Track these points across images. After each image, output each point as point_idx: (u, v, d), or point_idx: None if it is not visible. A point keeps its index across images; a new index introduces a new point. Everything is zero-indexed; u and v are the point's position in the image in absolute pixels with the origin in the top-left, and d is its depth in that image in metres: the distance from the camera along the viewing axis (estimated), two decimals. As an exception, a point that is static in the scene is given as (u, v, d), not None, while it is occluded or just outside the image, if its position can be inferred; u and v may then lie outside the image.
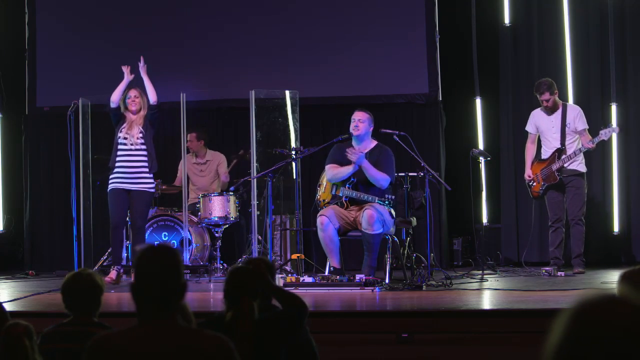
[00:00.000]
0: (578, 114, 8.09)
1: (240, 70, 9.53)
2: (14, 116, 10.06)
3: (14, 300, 6.52)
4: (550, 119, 8.13)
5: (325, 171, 7.58)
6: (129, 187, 7.63)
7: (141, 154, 7.67)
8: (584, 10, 9.24)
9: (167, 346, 2.51)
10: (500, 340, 5.11)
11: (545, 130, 8.19)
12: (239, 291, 3.32)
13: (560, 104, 8.15)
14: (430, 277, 7.25)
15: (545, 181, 8.14)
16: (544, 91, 8.05)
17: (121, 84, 7.78)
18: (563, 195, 8.13)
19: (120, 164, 7.65)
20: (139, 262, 2.63)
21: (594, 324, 1.54)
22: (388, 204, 7.15)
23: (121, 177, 7.64)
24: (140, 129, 7.66)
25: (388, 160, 7.44)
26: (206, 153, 9.24)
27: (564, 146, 8.05)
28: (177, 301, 2.59)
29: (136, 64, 7.84)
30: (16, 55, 10.01)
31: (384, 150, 7.52)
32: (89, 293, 3.54)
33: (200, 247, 8.57)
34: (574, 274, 7.90)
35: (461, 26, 9.57)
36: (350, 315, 5.74)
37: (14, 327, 3.00)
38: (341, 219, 7.33)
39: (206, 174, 9.20)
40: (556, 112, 8.12)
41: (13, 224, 10.08)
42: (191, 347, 2.51)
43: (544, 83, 8.13)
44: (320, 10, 9.65)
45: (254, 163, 8.11)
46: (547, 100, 8.07)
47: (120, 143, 7.67)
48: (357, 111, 7.56)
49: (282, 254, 8.53)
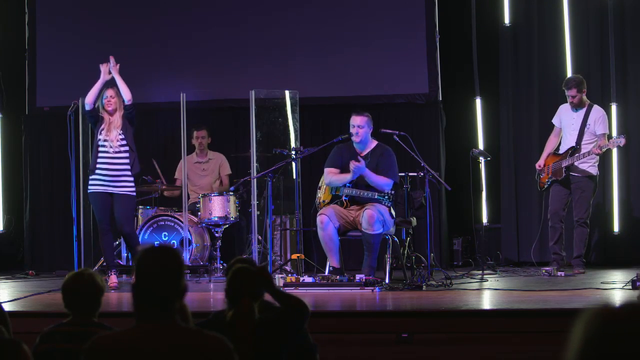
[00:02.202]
0: (601, 117, 8.09)
1: (240, 70, 9.53)
2: (14, 116, 10.06)
3: (14, 300, 6.52)
4: (573, 116, 8.15)
5: (324, 174, 7.58)
6: (111, 191, 7.45)
7: (122, 156, 7.48)
8: (584, 10, 9.24)
9: (166, 346, 2.51)
10: (500, 340, 5.11)
11: (566, 126, 8.21)
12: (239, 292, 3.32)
13: (587, 104, 8.14)
14: (430, 277, 7.25)
15: (553, 175, 8.16)
16: (572, 87, 8.08)
17: (97, 84, 7.53)
18: (568, 191, 8.13)
19: (101, 166, 7.46)
20: (140, 262, 2.63)
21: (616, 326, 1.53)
22: (387, 199, 7.10)
23: (102, 181, 7.45)
24: (119, 132, 7.46)
25: (389, 161, 7.42)
26: (207, 152, 9.24)
27: (579, 145, 8.06)
28: (177, 302, 2.59)
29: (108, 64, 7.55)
30: (16, 55, 10.01)
31: (385, 150, 7.50)
32: (90, 293, 3.53)
33: (200, 247, 8.57)
34: (574, 274, 7.91)
35: (461, 26, 9.57)
36: (350, 315, 5.74)
37: None
38: (341, 218, 7.32)
39: (208, 173, 9.20)
40: (580, 110, 8.13)
41: (13, 224, 10.08)
42: (190, 347, 2.51)
43: (573, 79, 8.19)
44: (320, 10, 9.65)
45: (254, 163, 8.11)
46: (573, 97, 8.08)
47: (101, 146, 7.48)
48: (355, 115, 7.48)
49: (282, 254, 8.53)
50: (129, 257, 8.44)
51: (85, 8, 9.90)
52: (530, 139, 9.29)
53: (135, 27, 9.81)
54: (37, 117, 9.94)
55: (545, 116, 8.75)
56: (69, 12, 9.94)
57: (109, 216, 7.54)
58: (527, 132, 9.39)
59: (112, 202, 7.50)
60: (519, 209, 9.37)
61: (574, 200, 8.11)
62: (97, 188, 7.49)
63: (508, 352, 5.03)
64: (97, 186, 7.49)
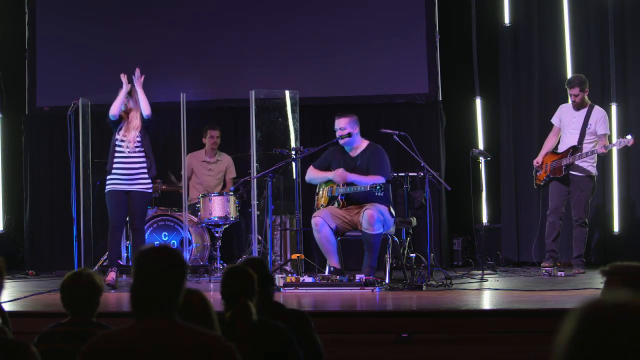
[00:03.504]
0: (602, 117, 8.09)
1: (240, 70, 9.54)
2: (14, 116, 10.06)
3: (14, 300, 6.51)
4: (574, 115, 8.15)
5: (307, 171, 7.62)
6: (127, 189, 7.56)
7: (139, 156, 7.57)
8: (584, 10, 9.24)
9: (166, 345, 2.51)
10: (500, 340, 5.11)
11: (566, 125, 8.21)
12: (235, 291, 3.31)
13: (588, 104, 8.14)
14: (430, 277, 7.25)
15: (552, 173, 8.16)
16: (575, 86, 8.07)
17: (120, 95, 7.56)
18: (567, 189, 8.14)
19: (117, 166, 7.56)
20: (139, 262, 2.62)
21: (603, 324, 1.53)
22: (380, 189, 7.04)
23: (119, 179, 7.55)
24: (137, 134, 7.55)
25: (380, 159, 7.40)
26: (215, 153, 9.27)
27: (581, 145, 8.06)
28: (176, 302, 2.58)
29: (132, 74, 7.58)
30: (16, 55, 10.01)
31: (376, 149, 7.47)
32: (88, 293, 3.53)
33: (200, 247, 8.57)
34: (574, 274, 7.91)
35: (461, 26, 9.57)
36: (350, 315, 5.74)
37: None
38: (337, 218, 7.32)
39: (214, 173, 9.22)
40: (582, 110, 8.13)
41: (13, 224, 10.08)
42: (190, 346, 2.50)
43: (576, 78, 8.19)
44: (321, 10, 9.65)
45: (254, 163, 8.11)
46: (575, 96, 8.08)
47: (118, 146, 7.57)
48: (338, 118, 7.46)
49: (282, 254, 8.53)
50: (129, 257, 8.44)
51: (85, 8, 9.90)
52: (530, 138, 9.29)
53: (135, 27, 9.81)
54: (37, 117, 9.94)
55: (545, 116, 8.75)
56: (69, 12, 9.94)
57: (123, 215, 7.62)
58: (527, 132, 9.39)
59: (128, 200, 7.57)
60: (519, 208, 9.37)
61: (573, 200, 8.11)
62: (114, 187, 7.57)
63: (508, 352, 5.03)
64: (113, 185, 7.57)
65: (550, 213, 8.19)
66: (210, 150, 9.23)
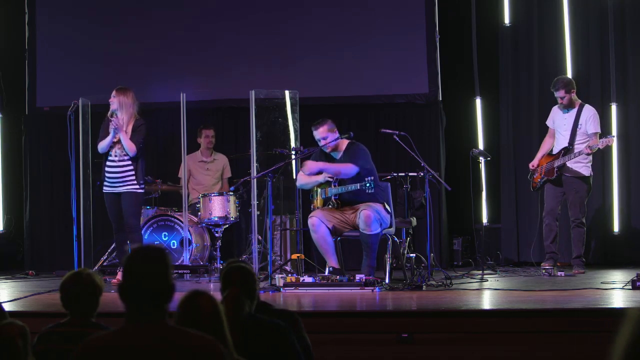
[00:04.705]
0: (592, 116, 8.07)
1: (240, 70, 9.53)
2: (14, 116, 10.06)
3: (14, 300, 6.51)
4: (564, 117, 8.15)
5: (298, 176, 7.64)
6: (118, 190, 7.67)
7: (126, 161, 7.66)
8: (584, 10, 9.24)
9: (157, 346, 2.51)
10: (500, 340, 5.11)
11: (558, 127, 8.21)
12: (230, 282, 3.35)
13: (578, 104, 8.13)
14: (430, 277, 7.25)
15: (545, 175, 8.17)
16: (559, 88, 8.06)
17: (108, 138, 7.62)
18: (561, 190, 8.13)
19: (108, 169, 7.69)
20: (127, 262, 2.63)
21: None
22: (370, 187, 7.07)
23: (109, 182, 7.69)
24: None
25: (357, 152, 7.43)
26: (212, 152, 9.27)
27: (572, 146, 8.06)
28: (166, 302, 2.59)
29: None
30: (16, 55, 10.01)
31: (355, 145, 7.51)
32: (88, 293, 3.52)
33: (200, 247, 8.57)
34: (574, 274, 7.91)
35: (461, 26, 9.57)
36: (350, 315, 5.73)
37: (9, 327, 2.98)
38: (334, 218, 7.32)
39: (212, 173, 9.23)
40: (571, 110, 8.12)
41: (13, 224, 10.08)
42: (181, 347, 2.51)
43: (560, 80, 8.17)
44: (320, 10, 9.65)
45: (254, 163, 8.11)
46: (562, 98, 8.08)
47: (109, 154, 7.70)
48: (316, 129, 7.48)
49: (282, 254, 8.53)
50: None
51: (85, 8, 9.89)
52: (530, 139, 9.29)
53: (135, 27, 9.81)
54: (37, 117, 9.94)
55: (545, 116, 8.73)
56: (69, 12, 9.94)
57: (119, 216, 7.65)
58: (527, 132, 9.39)
59: (120, 201, 7.68)
60: (518, 209, 9.37)
61: (569, 201, 8.10)
62: (106, 190, 7.74)
63: (508, 352, 5.03)
64: (106, 188, 7.73)
65: (546, 215, 8.19)
66: (205, 150, 9.23)
